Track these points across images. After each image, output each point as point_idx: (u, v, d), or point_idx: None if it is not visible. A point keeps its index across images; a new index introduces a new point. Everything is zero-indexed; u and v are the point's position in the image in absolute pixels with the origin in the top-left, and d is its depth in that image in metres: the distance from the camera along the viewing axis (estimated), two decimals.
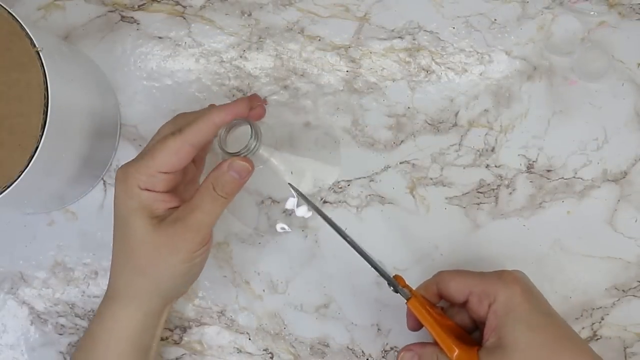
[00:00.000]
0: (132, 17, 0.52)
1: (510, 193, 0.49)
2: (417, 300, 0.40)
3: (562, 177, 0.49)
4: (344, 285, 0.49)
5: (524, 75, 0.50)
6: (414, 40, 0.50)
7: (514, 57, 0.50)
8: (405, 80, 0.50)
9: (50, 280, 0.51)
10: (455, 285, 0.40)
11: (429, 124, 0.50)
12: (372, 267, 0.41)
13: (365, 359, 0.49)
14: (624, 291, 0.48)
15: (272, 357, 0.49)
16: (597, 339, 0.48)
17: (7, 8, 0.39)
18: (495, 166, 0.49)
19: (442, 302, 0.43)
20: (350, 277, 0.49)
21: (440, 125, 0.50)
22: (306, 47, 0.51)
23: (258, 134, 0.42)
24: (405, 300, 0.40)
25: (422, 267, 0.49)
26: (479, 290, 0.39)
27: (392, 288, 0.41)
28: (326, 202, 0.50)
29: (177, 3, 0.52)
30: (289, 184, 0.45)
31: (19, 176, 0.38)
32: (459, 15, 0.50)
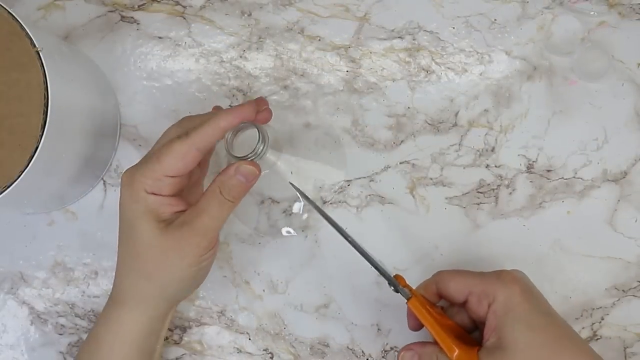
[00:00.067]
0: (132, 17, 0.52)
1: (510, 193, 0.49)
2: (418, 300, 0.40)
3: (562, 177, 0.49)
4: (344, 285, 0.49)
5: (524, 75, 0.50)
6: (414, 40, 0.50)
7: (514, 57, 0.50)
8: (405, 80, 0.50)
9: (50, 280, 0.51)
10: (454, 285, 0.40)
11: (429, 124, 0.50)
12: (372, 267, 0.41)
13: (365, 359, 0.49)
14: (624, 291, 0.48)
15: (272, 357, 0.49)
16: (597, 339, 0.48)
17: (7, 8, 0.39)
18: (495, 166, 0.49)
19: (442, 302, 0.43)
20: (350, 277, 0.49)
21: (440, 125, 0.50)
22: (306, 47, 0.51)
23: (265, 137, 0.41)
24: (406, 300, 0.40)
25: (422, 267, 0.49)
26: (478, 290, 0.39)
27: (393, 288, 0.41)
28: (326, 202, 0.50)
29: (177, 3, 0.52)
30: (290, 183, 0.45)
31: (19, 176, 0.38)
32: (459, 15, 0.50)
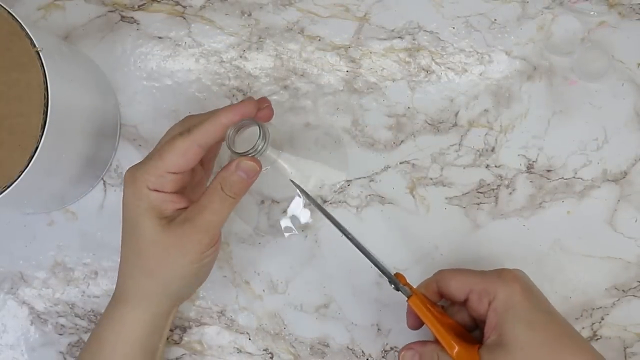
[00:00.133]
0: (132, 17, 0.52)
1: (510, 193, 0.49)
2: (418, 298, 0.40)
3: (562, 177, 0.49)
4: (344, 285, 0.49)
5: (524, 75, 0.50)
6: (414, 40, 0.50)
7: (514, 57, 0.50)
8: (405, 80, 0.50)
9: (50, 280, 0.51)
10: (455, 283, 0.41)
11: (429, 124, 0.50)
12: (373, 265, 0.41)
13: (365, 359, 0.49)
14: (624, 291, 0.48)
15: (272, 357, 0.49)
16: (597, 339, 0.48)
17: (7, 8, 0.39)
18: (495, 166, 0.49)
19: (442, 301, 0.43)
20: (350, 277, 0.49)
21: (440, 125, 0.50)
22: (306, 47, 0.51)
23: (266, 134, 0.41)
24: (406, 298, 0.40)
25: (422, 267, 0.49)
26: (479, 289, 0.39)
27: (393, 286, 0.41)
28: (326, 201, 0.50)
29: (177, 3, 0.52)
30: (291, 180, 0.45)
31: (19, 176, 0.38)
32: (459, 15, 0.50)
